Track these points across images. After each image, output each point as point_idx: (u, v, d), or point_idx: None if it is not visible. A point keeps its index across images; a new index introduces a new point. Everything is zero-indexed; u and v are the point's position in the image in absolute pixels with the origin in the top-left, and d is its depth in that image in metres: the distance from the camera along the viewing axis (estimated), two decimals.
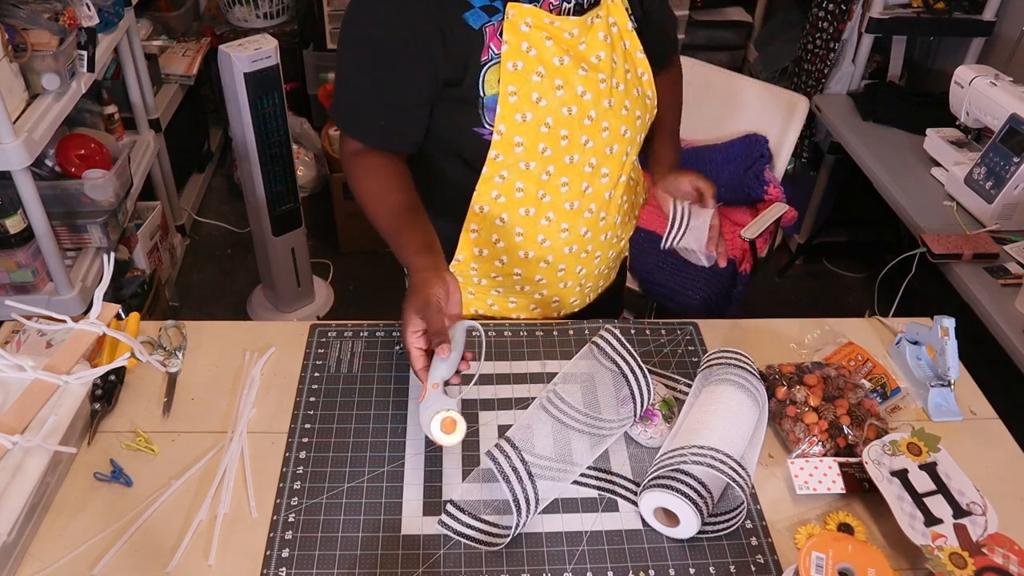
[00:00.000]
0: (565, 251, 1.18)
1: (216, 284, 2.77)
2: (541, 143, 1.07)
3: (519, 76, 1.03)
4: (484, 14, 1.02)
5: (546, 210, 1.13)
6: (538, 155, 1.07)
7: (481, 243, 1.18)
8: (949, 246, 1.73)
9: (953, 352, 1.09)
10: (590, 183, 1.13)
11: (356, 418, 1.05)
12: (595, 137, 1.09)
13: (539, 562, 0.89)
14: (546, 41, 1.03)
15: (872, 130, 2.35)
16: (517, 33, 1.02)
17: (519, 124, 1.05)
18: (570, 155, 1.09)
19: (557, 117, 1.05)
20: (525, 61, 1.03)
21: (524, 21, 1.02)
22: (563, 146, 1.08)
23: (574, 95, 1.05)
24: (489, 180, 1.10)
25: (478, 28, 1.02)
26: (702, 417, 0.97)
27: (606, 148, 1.11)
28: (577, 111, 1.06)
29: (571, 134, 1.07)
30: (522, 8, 1.01)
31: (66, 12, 1.79)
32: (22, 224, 1.72)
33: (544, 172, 1.09)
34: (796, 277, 2.90)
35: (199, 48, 2.86)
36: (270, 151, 2.16)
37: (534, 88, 1.03)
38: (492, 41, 1.02)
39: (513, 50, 1.02)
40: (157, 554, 0.87)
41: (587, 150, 1.10)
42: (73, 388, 0.94)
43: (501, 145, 1.06)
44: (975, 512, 0.92)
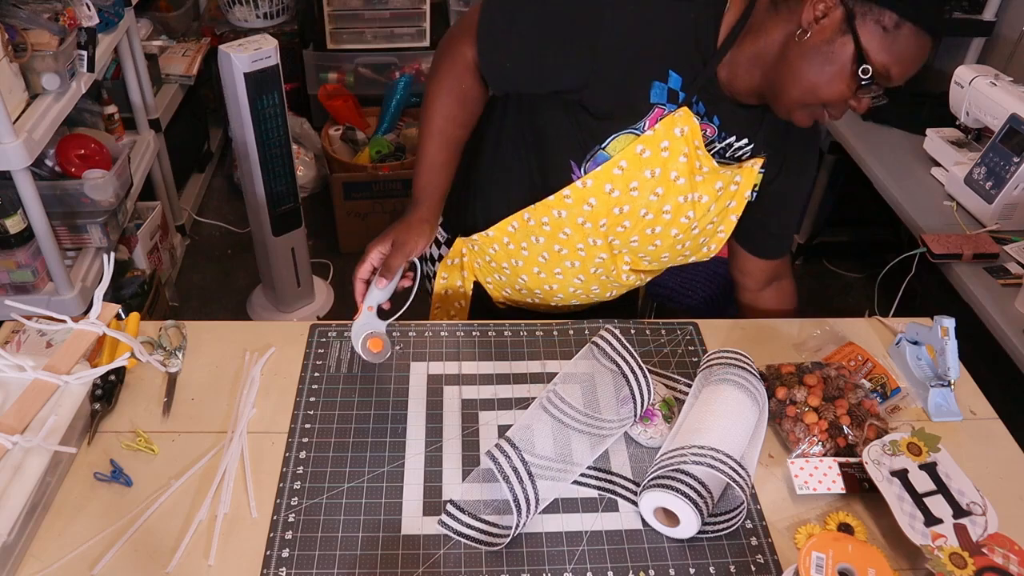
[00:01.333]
0: (570, 290, 1.25)
1: (216, 284, 2.77)
2: (604, 218, 1.10)
3: (638, 161, 1.04)
4: (666, 96, 1.01)
5: (574, 258, 1.18)
6: (596, 223, 1.11)
7: (512, 239, 1.22)
8: (949, 246, 1.73)
9: (953, 352, 1.09)
10: (616, 265, 1.19)
11: (356, 418, 1.05)
12: (643, 245, 1.14)
13: (539, 562, 0.89)
14: (681, 156, 1.03)
15: (872, 130, 2.35)
16: (669, 131, 1.02)
17: (604, 192, 1.07)
18: (619, 240, 1.14)
19: (633, 212, 1.08)
20: (653, 154, 1.03)
21: (682, 127, 1.02)
22: (618, 231, 1.12)
23: (659, 208, 1.08)
24: (549, 207, 1.13)
25: (652, 103, 1.02)
26: (702, 417, 0.97)
27: (642, 254, 1.17)
28: (650, 220, 1.10)
29: (629, 229, 1.11)
30: (690, 117, 1.01)
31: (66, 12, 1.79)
32: (22, 224, 1.72)
33: (592, 238, 1.14)
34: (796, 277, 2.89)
35: (199, 48, 2.86)
36: (270, 151, 2.15)
37: (639, 179, 1.05)
38: (651, 122, 1.02)
39: (655, 139, 1.02)
40: (157, 554, 0.87)
41: (631, 247, 1.15)
42: (73, 388, 0.94)
43: (577, 193, 1.08)
44: (975, 512, 0.92)
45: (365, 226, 2.83)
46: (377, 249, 1.10)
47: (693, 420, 0.98)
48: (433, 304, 1.38)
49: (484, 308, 1.35)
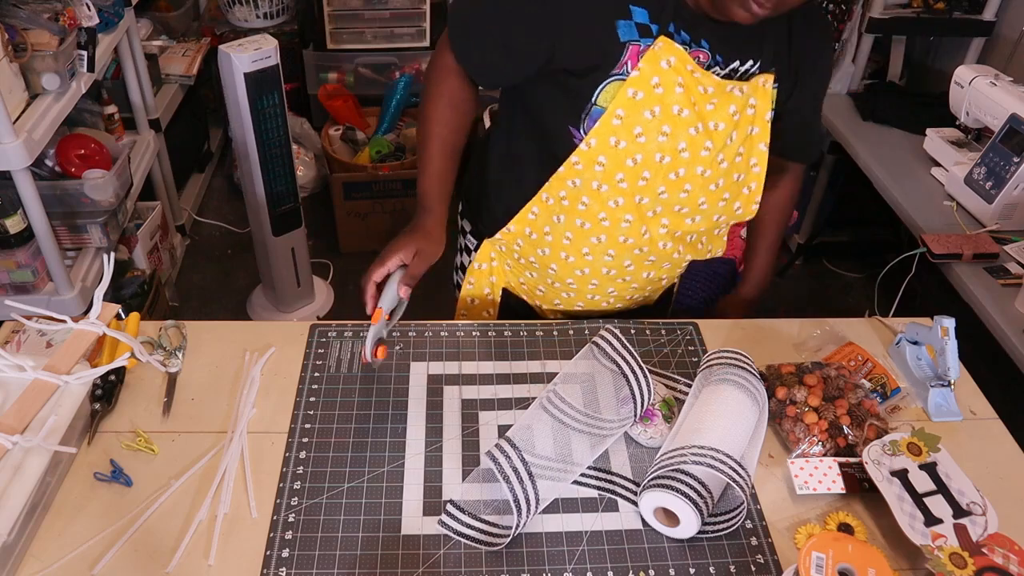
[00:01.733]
0: (603, 271, 1.20)
1: (216, 284, 2.77)
2: (620, 173, 1.07)
3: (634, 104, 1.02)
4: (636, 32, 1.00)
5: (600, 232, 1.14)
6: (613, 182, 1.08)
7: (534, 227, 1.20)
8: (949, 246, 1.73)
9: (953, 352, 1.09)
10: (649, 228, 1.14)
11: (356, 418, 1.05)
12: (672, 193, 1.09)
13: (539, 562, 0.89)
14: (676, 87, 1.01)
15: (872, 130, 2.35)
16: (655, 66, 1.00)
17: (610, 146, 1.05)
18: (642, 196, 1.09)
19: (648, 159, 1.05)
20: (647, 94, 1.01)
21: (668, 58, 1.00)
22: (639, 186, 1.08)
23: (674, 147, 1.04)
24: (562, 179, 1.11)
25: (623, 41, 1.00)
26: (702, 417, 0.97)
27: (676, 206, 1.11)
28: (669, 162, 1.06)
29: (652, 179, 1.07)
30: (672, 46, 0.99)
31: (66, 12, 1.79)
32: (22, 224, 1.72)
33: (612, 200, 1.10)
34: (796, 277, 2.90)
35: (199, 48, 2.86)
36: (270, 151, 2.15)
37: (641, 122, 1.02)
38: (631, 59, 1.01)
39: (642, 79, 1.00)
40: (157, 554, 0.87)
41: (660, 200, 1.10)
42: (73, 388, 0.94)
43: (584, 156, 1.07)
44: (975, 512, 0.92)
45: (365, 226, 2.83)
46: (399, 256, 1.08)
47: (693, 420, 0.98)
48: (458, 311, 1.37)
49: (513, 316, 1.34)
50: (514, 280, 1.31)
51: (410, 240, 1.10)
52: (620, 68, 1.01)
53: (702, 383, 1.05)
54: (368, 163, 2.78)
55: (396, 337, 1.18)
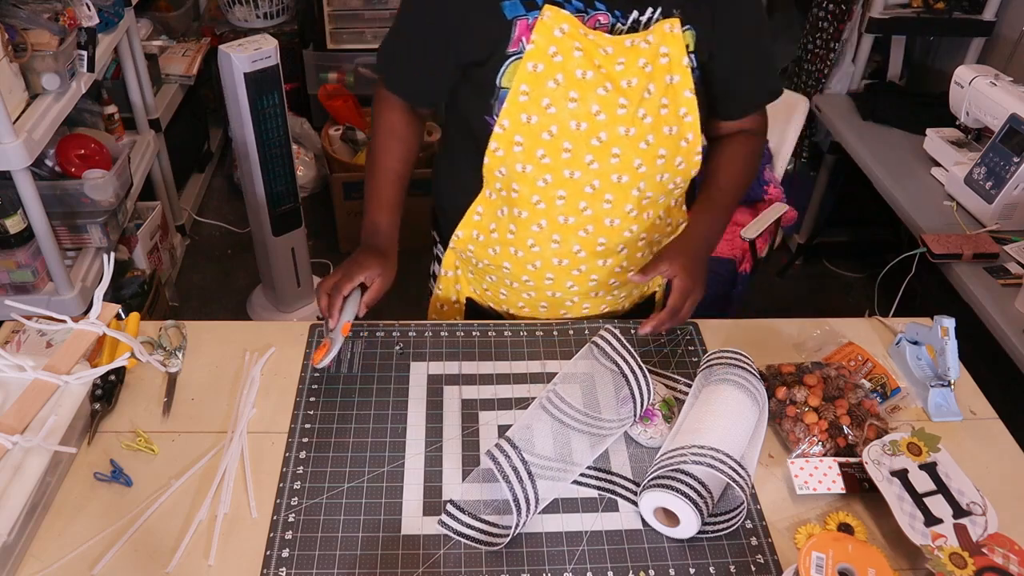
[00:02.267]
0: (554, 262, 1.17)
1: (216, 284, 2.77)
2: (540, 149, 1.06)
3: (535, 78, 1.02)
4: (521, 7, 1.01)
5: (539, 217, 1.12)
6: (536, 160, 1.07)
7: (480, 227, 1.20)
8: (949, 246, 1.73)
9: (953, 352, 1.09)
10: (590, 204, 1.11)
11: (356, 418, 1.05)
12: (602, 160, 1.07)
13: (539, 562, 0.89)
14: (575, 52, 1.01)
15: (872, 130, 2.35)
16: (548, 36, 1.00)
17: (522, 124, 1.04)
18: (571, 170, 1.07)
19: (563, 128, 1.04)
20: (546, 65, 1.01)
21: (559, 26, 1.00)
22: (564, 159, 1.06)
23: (587, 112, 1.03)
24: (491, 171, 1.11)
25: (510, 19, 1.01)
26: (702, 417, 0.97)
27: (613, 175, 1.08)
28: (587, 128, 1.04)
29: (575, 149, 1.05)
30: (559, 13, 0.99)
31: (66, 12, 1.79)
32: (22, 224, 1.72)
33: (540, 179, 1.09)
34: (796, 277, 2.90)
35: (199, 48, 2.86)
36: (270, 151, 2.15)
37: (547, 93, 1.02)
38: (524, 35, 1.01)
39: (538, 51, 1.01)
40: (157, 554, 0.87)
41: (591, 171, 1.07)
42: (73, 388, 0.94)
43: (502, 139, 1.06)
44: (975, 512, 0.92)
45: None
46: (367, 273, 1.10)
47: (693, 420, 0.98)
48: (431, 314, 1.39)
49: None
50: (478, 287, 1.31)
51: (376, 262, 1.12)
52: (515, 46, 1.02)
53: (702, 383, 1.05)
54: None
55: (396, 337, 1.18)
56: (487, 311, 1.33)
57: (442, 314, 1.37)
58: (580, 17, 1.01)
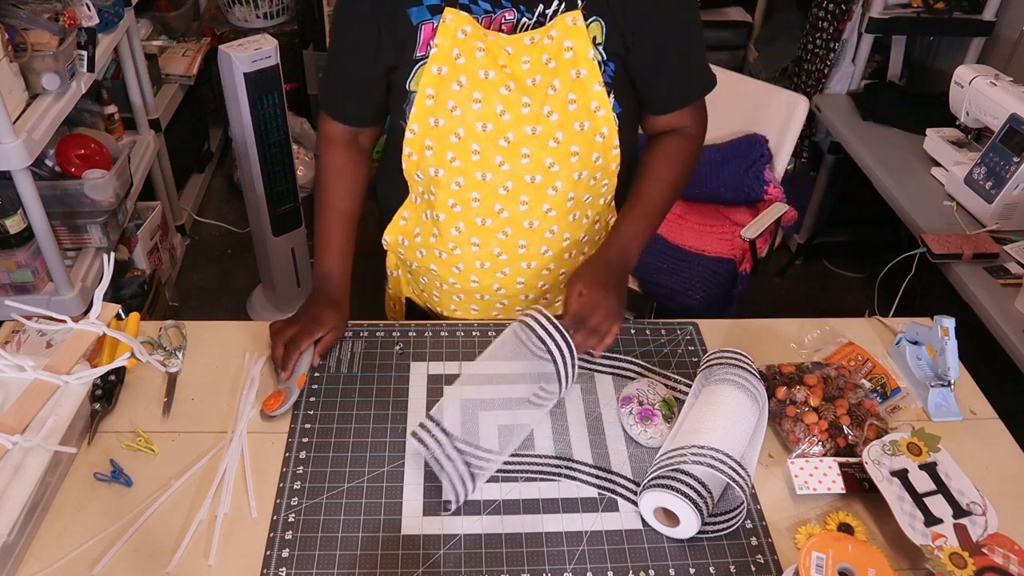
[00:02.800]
0: (476, 264, 1.17)
1: (216, 284, 2.77)
2: (450, 152, 1.06)
3: (440, 80, 1.02)
4: (427, 12, 1.02)
5: (457, 220, 1.13)
6: (446, 163, 1.07)
7: (406, 232, 1.23)
8: (949, 246, 1.73)
9: (953, 352, 1.09)
10: (506, 206, 1.10)
11: (356, 418, 1.05)
12: (512, 161, 1.06)
13: (539, 562, 0.89)
14: (477, 52, 1.01)
15: (872, 130, 2.35)
16: (451, 39, 1.01)
17: (431, 128, 1.05)
18: (482, 171, 1.07)
19: (470, 130, 1.04)
20: (450, 67, 1.02)
21: (462, 28, 1.00)
22: (474, 160, 1.06)
23: (491, 112, 1.03)
24: (410, 175, 1.14)
25: (415, 24, 1.02)
26: (702, 417, 0.97)
27: (526, 175, 1.07)
28: (492, 129, 1.04)
29: (483, 151, 1.05)
30: (460, 16, 1.00)
31: (66, 12, 1.79)
32: (22, 224, 1.72)
33: (454, 182, 1.09)
34: (796, 277, 2.90)
35: (199, 48, 2.86)
36: (270, 151, 2.16)
37: (451, 96, 1.03)
38: (429, 40, 1.02)
39: (442, 54, 1.01)
40: (157, 554, 0.87)
41: (503, 172, 1.07)
42: (73, 388, 0.94)
43: (413, 144, 1.08)
44: (975, 512, 0.92)
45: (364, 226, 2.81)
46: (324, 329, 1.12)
47: (693, 420, 0.98)
48: (387, 312, 1.43)
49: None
50: (416, 288, 1.32)
51: (333, 315, 1.14)
52: (423, 50, 1.03)
53: (702, 383, 1.05)
54: None
55: (396, 337, 1.18)
56: (424, 312, 1.35)
57: (394, 312, 1.40)
58: (488, 17, 1.02)
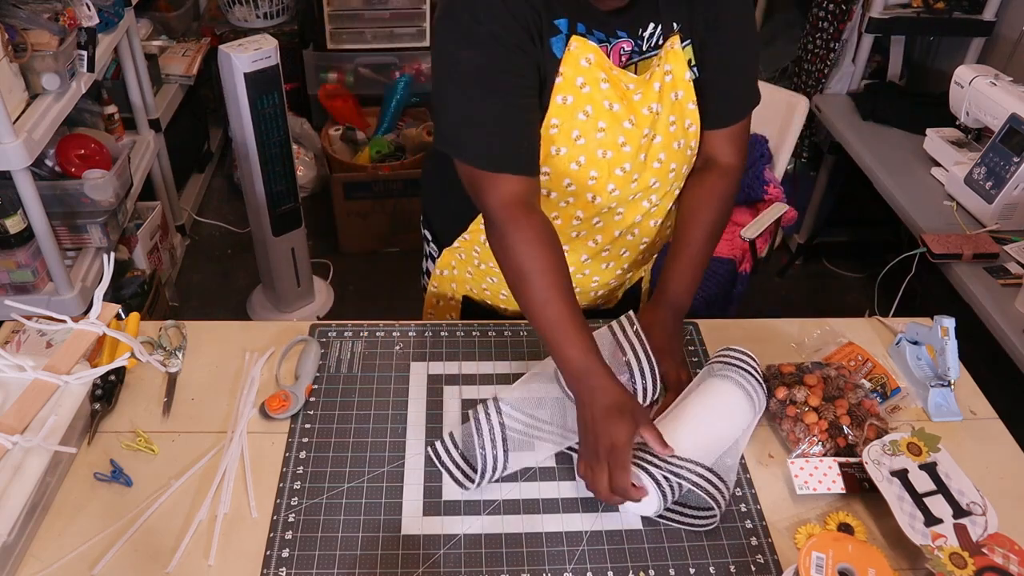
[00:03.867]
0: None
1: (216, 284, 2.77)
2: (567, 179, 1.06)
3: (566, 110, 1.00)
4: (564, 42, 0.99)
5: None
6: (561, 187, 1.07)
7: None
8: (949, 246, 1.73)
9: (953, 352, 1.09)
10: (603, 219, 1.12)
11: (356, 418, 1.05)
12: (623, 187, 1.08)
13: (539, 562, 0.89)
14: (602, 83, 1.00)
15: (872, 130, 2.35)
16: (576, 67, 0.98)
17: (551, 156, 1.03)
18: (593, 195, 1.08)
19: (591, 158, 1.04)
20: (576, 97, 1.00)
21: (586, 56, 0.98)
22: (589, 185, 1.06)
23: (614, 143, 1.03)
24: None
25: (559, 58, 0.98)
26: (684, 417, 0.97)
27: (629, 196, 1.10)
28: (612, 157, 1.04)
29: (600, 177, 1.06)
30: (586, 44, 0.98)
31: (66, 12, 1.79)
32: (22, 224, 1.72)
33: (563, 200, 1.09)
34: (796, 277, 2.90)
35: (199, 48, 2.86)
36: (270, 151, 2.15)
37: (577, 125, 1.01)
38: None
39: (567, 83, 0.99)
40: (157, 554, 0.87)
41: (610, 196, 1.08)
42: (73, 388, 0.94)
43: None
44: (975, 512, 0.92)
45: (365, 226, 2.83)
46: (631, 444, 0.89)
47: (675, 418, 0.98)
48: (425, 312, 1.39)
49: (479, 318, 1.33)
50: (476, 287, 1.31)
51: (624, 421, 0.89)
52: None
53: (702, 378, 1.05)
54: (368, 163, 2.78)
55: (396, 337, 1.18)
56: (483, 308, 1.33)
57: (438, 310, 1.37)
58: (604, 47, 1.01)
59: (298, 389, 1.06)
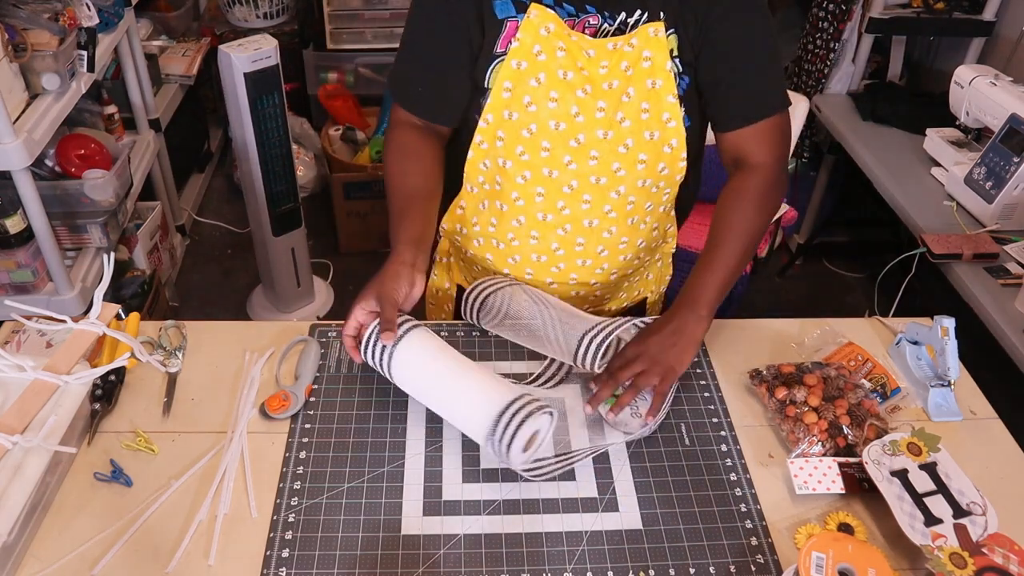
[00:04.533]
0: (532, 258, 1.18)
1: (216, 284, 2.77)
2: (520, 146, 1.08)
3: (518, 75, 1.04)
4: (512, 7, 1.03)
5: (518, 213, 1.14)
6: (515, 156, 1.09)
7: (463, 221, 1.22)
8: (949, 246, 1.73)
9: (953, 352, 1.09)
10: (568, 204, 1.11)
11: (356, 418, 1.05)
12: (580, 162, 1.08)
13: (539, 562, 0.89)
14: (558, 52, 1.02)
15: (872, 130, 2.35)
16: (534, 34, 1.02)
17: (504, 120, 1.06)
18: (549, 168, 1.08)
19: (542, 127, 1.06)
20: (530, 63, 1.03)
21: (545, 25, 1.01)
22: (543, 157, 1.08)
23: (566, 113, 1.05)
24: (474, 164, 1.13)
25: (500, 19, 1.03)
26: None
27: (591, 176, 1.09)
28: (565, 129, 1.05)
29: (553, 148, 1.07)
30: (546, 12, 1.01)
31: (66, 12, 1.79)
32: (22, 224, 1.72)
33: (520, 175, 1.10)
34: (796, 277, 2.90)
35: (199, 48, 2.86)
36: (270, 151, 2.16)
37: (528, 91, 1.04)
38: (511, 36, 1.03)
39: (523, 48, 1.03)
40: (157, 554, 0.87)
41: (569, 171, 1.09)
42: (73, 388, 0.94)
43: (485, 134, 1.09)
44: (975, 512, 0.92)
45: (365, 226, 2.83)
46: (360, 306, 1.02)
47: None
48: (428, 300, 1.39)
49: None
50: (469, 277, 1.32)
51: (369, 287, 1.04)
52: (503, 46, 1.04)
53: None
54: (368, 163, 2.78)
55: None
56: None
57: (437, 300, 1.38)
58: (571, 21, 1.03)
59: (298, 389, 1.06)
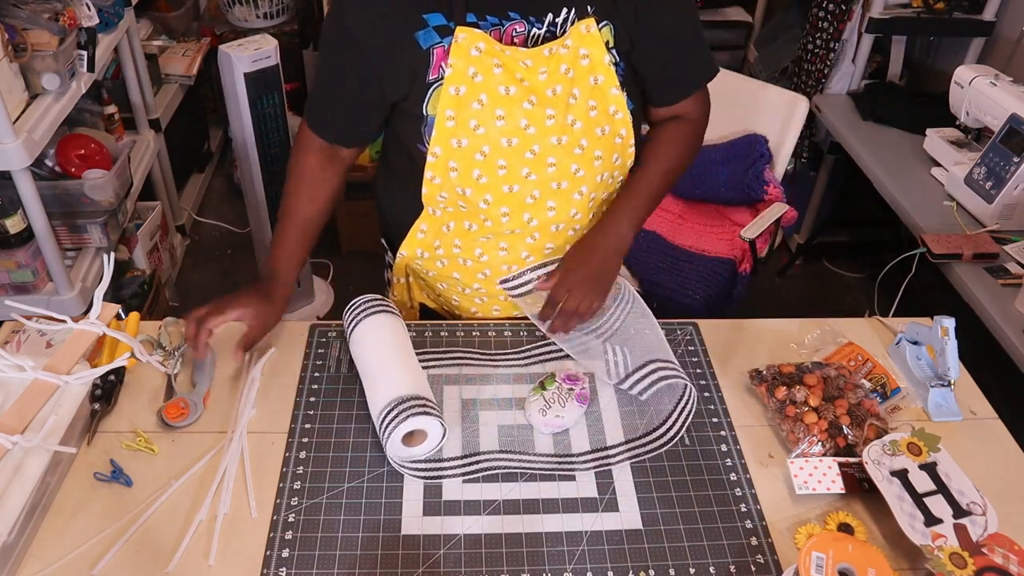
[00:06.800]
0: (503, 268, 1.19)
1: (216, 284, 2.77)
2: (476, 169, 1.06)
3: (459, 101, 1.02)
4: (436, 35, 1.01)
5: (485, 231, 1.14)
6: (473, 182, 1.08)
7: (425, 245, 1.21)
8: (949, 246, 1.73)
9: (953, 352, 1.09)
10: (533, 215, 1.12)
11: (356, 418, 1.05)
12: (539, 172, 1.07)
13: (539, 562, 0.89)
14: (495, 69, 1.01)
15: (872, 130, 2.35)
16: (466, 57, 1.00)
17: (454, 149, 1.05)
18: (509, 185, 1.08)
19: (495, 147, 1.05)
20: (468, 87, 1.01)
21: (475, 46, 1.00)
22: (501, 176, 1.07)
23: (515, 127, 1.04)
24: (432, 197, 1.12)
25: (425, 48, 1.01)
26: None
27: (552, 183, 1.09)
28: (518, 143, 1.05)
29: (509, 165, 1.06)
30: (473, 33, 0.99)
31: (66, 12, 1.79)
32: (22, 224, 1.72)
33: (482, 200, 1.09)
34: (796, 277, 2.90)
35: (199, 48, 2.86)
36: (270, 151, 2.15)
37: (473, 115, 1.03)
38: (442, 61, 1.01)
39: (458, 74, 1.01)
40: (157, 554, 0.87)
41: (529, 182, 1.08)
42: (73, 388, 0.94)
43: (437, 167, 1.07)
44: (975, 512, 0.92)
45: (365, 226, 2.82)
46: (240, 312, 1.09)
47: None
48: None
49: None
50: (432, 295, 1.32)
51: (254, 302, 1.10)
52: (435, 73, 1.02)
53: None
54: (368, 163, 2.78)
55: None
56: (439, 315, 1.35)
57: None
58: (496, 31, 1.01)
59: (196, 397, 1.05)
